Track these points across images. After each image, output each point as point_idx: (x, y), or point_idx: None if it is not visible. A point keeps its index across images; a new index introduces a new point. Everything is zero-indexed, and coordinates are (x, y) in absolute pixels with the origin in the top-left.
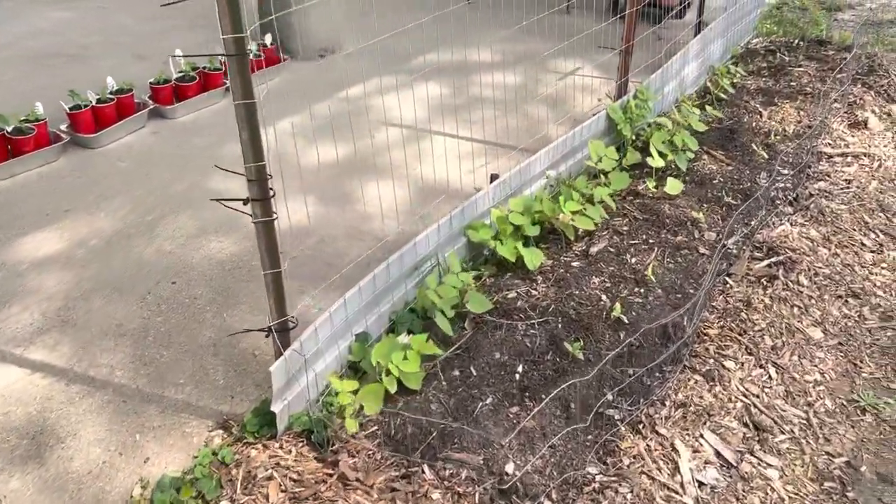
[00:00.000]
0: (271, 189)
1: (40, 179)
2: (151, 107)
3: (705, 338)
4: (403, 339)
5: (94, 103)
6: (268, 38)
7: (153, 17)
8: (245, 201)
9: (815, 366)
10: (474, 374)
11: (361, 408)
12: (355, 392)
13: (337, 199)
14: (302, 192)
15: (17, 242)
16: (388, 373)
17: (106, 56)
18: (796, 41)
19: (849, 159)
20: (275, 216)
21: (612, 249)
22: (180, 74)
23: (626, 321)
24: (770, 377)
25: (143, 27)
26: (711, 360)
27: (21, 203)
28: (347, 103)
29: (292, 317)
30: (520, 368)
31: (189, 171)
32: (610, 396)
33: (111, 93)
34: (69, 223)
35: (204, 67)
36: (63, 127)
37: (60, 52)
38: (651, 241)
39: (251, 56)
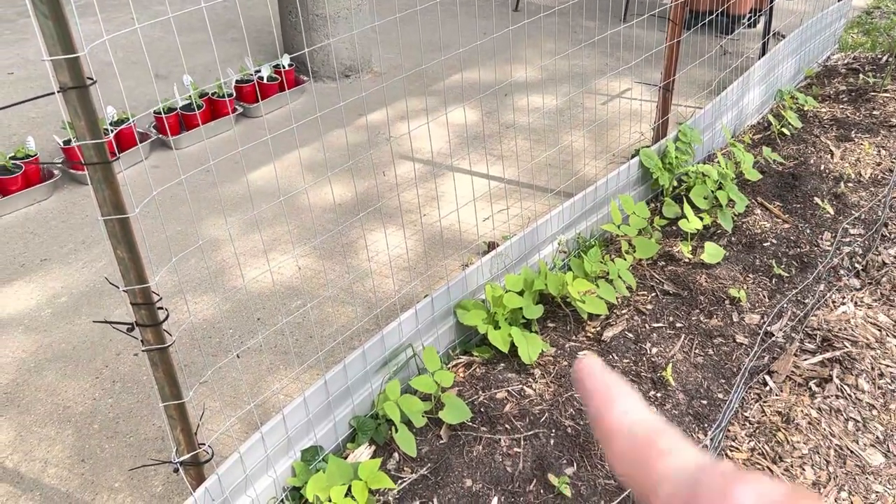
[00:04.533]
0: (163, 309)
1: (26, 221)
2: (154, 137)
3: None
4: (363, 452)
5: None
6: (286, 59)
7: (182, 30)
8: (130, 327)
9: None
10: None
11: None
12: None
13: (334, 250)
14: (298, 241)
15: None
16: None
17: (124, 76)
18: (885, 57)
19: None
20: (171, 341)
21: (629, 335)
22: (186, 102)
23: None
24: None
25: (169, 40)
26: None
27: None
28: (365, 132)
29: (206, 447)
30: (494, 501)
31: (182, 214)
32: None
33: (111, 123)
34: (42, 275)
35: (214, 94)
36: (58, 161)
37: None
38: (679, 324)
39: (265, 80)
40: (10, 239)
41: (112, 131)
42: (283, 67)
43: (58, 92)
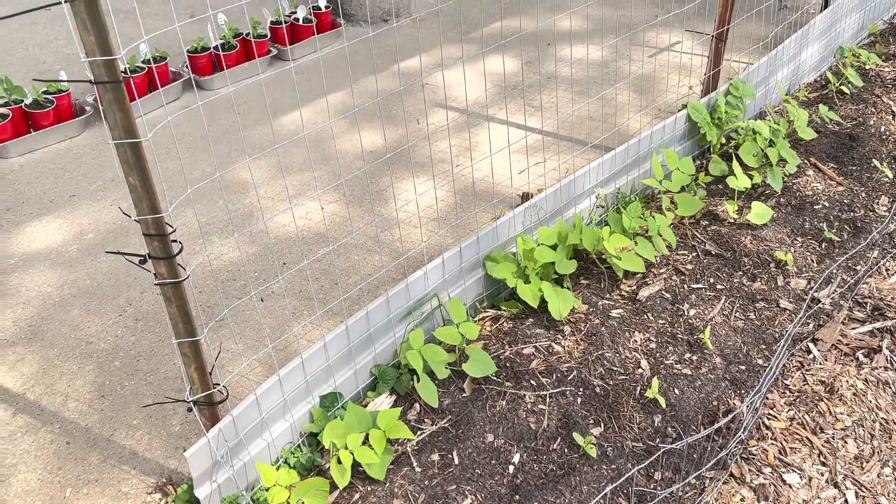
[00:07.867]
0: (177, 242)
1: (56, 157)
2: (186, 77)
3: (767, 433)
4: (383, 401)
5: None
6: (322, 1)
7: None
8: (143, 259)
9: None
10: (456, 461)
11: None
12: (293, 486)
13: (363, 198)
14: (327, 188)
15: (12, 233)
16: (341, 460)
17: (160, 14)
18: None
19: None
20: (185, 275)
21: (667, 295)
22: (220, 42)
23: (664, 404)
24: (846, 502)
25: None
26: (768, 469)
27: (29, 185)
28: (401, 79)
29: (221, 386)
30: (516, 458)
31: (210, 156)
32: None
33: (143, 61)
34: (70, 212)
35: (246, 34)
36: (89, 99)
37: (117, 9)
38: (720, 286)
39: (300, 22)
40: (41, 174)
41: (144, 69)
42: (320, 9)
43: (65, 1)
